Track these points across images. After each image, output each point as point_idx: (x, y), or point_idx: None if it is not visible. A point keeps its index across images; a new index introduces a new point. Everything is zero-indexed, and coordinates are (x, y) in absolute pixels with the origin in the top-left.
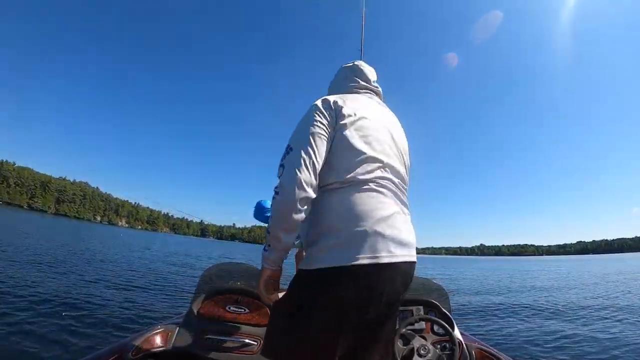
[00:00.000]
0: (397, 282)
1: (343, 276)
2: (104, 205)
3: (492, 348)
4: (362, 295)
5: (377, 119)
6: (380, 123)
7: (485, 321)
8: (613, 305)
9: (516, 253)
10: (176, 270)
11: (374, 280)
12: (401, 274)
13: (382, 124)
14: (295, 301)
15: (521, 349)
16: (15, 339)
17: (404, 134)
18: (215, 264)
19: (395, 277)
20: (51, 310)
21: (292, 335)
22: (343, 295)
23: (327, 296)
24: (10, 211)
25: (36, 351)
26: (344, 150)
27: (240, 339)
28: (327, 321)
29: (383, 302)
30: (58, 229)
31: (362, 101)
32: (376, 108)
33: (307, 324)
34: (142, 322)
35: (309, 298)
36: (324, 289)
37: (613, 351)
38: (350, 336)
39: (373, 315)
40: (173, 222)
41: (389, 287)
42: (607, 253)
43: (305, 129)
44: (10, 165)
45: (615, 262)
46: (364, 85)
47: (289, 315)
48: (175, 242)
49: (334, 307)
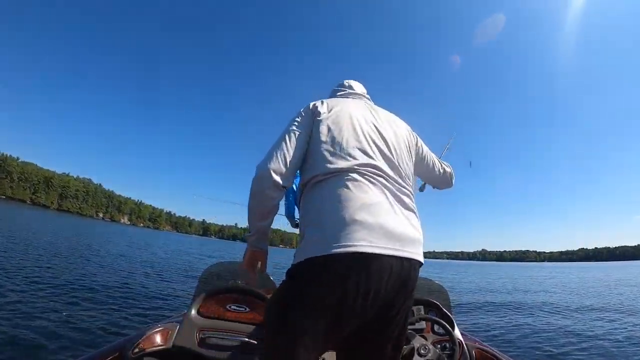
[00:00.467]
0: (386, 278)
1: (316, 267)
2: (107, 202)
3: (492, 348)
4: (336, 287)
5: (357, 115)
6: (362, 118)
7: (485, 322)
8: (614, 310)
9: (518, 259)
10: (177, 269)
11: (351, 271)
12: (393, 270)
13: (364, 119)
14: (280, 294)
15: (521, 350)
16: (16, 336)
17: (408, 131)
18: (216, 262)
19: (382, 271)
20: (52, 308)
21: (277, 327)
22: (317, 288)
23: (301, 288)
24: (14, 206)
25: (37, 349)
26: (320, 144)
27: (240, 338)
28: (303, 312)
29: (370, 298)
30: (60, 226)
31: (344, 101)
32: (359, 105)
33: (287, 316)
34: (143, 321)
35: (290, 291)
36: (299, 282)
37: (613, 353)
38: (337, 330)
39: (359, 311)
40: (175, 220)
41: (373, 282)
42: (609, 260)
43: (284, 129)
44: (14, 161)
45: (618, 269)
46: (351, 92)
47: (276, 308)
48: (177, 241)
49: (309, 299)
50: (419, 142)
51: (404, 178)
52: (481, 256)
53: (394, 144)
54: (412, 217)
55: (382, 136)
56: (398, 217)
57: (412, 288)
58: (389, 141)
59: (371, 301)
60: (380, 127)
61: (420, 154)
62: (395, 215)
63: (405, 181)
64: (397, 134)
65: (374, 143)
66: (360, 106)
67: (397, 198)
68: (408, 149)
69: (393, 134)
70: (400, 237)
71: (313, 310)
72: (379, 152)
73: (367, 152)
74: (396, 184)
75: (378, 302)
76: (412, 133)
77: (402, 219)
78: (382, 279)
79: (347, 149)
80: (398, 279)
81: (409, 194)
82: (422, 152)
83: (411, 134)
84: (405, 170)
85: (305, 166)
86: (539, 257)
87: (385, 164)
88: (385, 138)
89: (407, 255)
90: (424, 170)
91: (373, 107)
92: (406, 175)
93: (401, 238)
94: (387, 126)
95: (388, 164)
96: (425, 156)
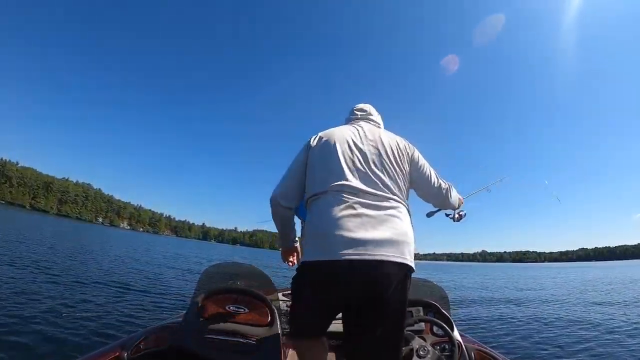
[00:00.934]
0: (355, 279)
1: (305, 269)
2: (106, 207)
3: (491, 349)
4: (315, 287)
5: (341, 139)
6: (345, 141)
7: (485, 323)
8: (615, 310)
9: (518, 259)
10: (176, 271)
11: (324, 275)
12: (359, 271)
13: (346, 142)
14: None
15: (521, 351)
16: (15, 338)
17: (398, 143)
18: (215, 263)
19: (350, 274)
20: (51, 310)
21: (290, 317)
22: (304, 285)
23: (297, 284)
24: (13, 211)
25: (36, 350)
26: (311, 169)
27: (239, 339)
28: (301, 302)
29: (341, 298)
30: (60, 230)
31: (336, 129)
32: (345, 131)
33: (293, 307)
34: (142, 321)
35: (293, 286)
36: (297, 279)
37: (614, 354)
38: (322, 313)
39: (335, 304)
40: (175, 224)
41: (343, 284)
42: (609, 260)
43: (290, 163)
44: (13, 166)
45: (618, 269)
46: (351, 118)
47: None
48: (177, 245)
49: (301, 292)
50: (415, 154)
51: (384, 189)
52: (481, 257)
53: (374, 160)
54: (389, 222)
55: (362, 154)
56: (364, 226)
57: (386, 284)
58: (369, 158)
59: (344, 301)
60: (362, 145)
61: (415, 165)
62: (362, 225)
63: (385, 191)
64: (381, 149)
65: (352, 163)
66: (347, 131)
67: (371, 207)
68: (396, 161)
69: (375, 149)
70: (365, 243)
71: (300, 300)
72: (356, 170)
73: (342, 173)
74: (372, 196)
75: (348, 301)
76: (404, 145)
77: (369, 227)
78: (349, 282)
79: (326, 173)
80: (367, 279)
81: (388, 203)
82: (418, 163)
83: (401, 146)
84: (386, 181)
85: (305, 189)
86: (539, 257)
87: (360, 180)
88: (365, 155)
89: (375, 258)
90: (421, 181)
91: (361, 126)
92: (388, 185)
93: (368, 243)
94: (369, 143)
95: (364, 179)
96: (420, 167)
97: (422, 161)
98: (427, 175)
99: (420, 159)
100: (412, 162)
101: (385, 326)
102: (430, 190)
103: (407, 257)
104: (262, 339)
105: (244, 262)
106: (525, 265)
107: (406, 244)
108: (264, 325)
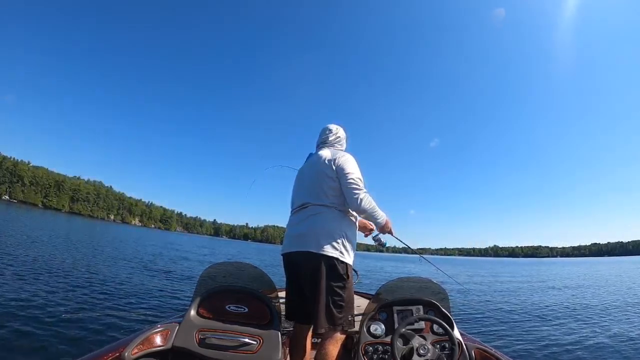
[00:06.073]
0: (292, 265)
1: (283, 259)
2: (118, 204)
3: (492, 348)
4: (287, 270)
5: (305, 166)
6: (305, 167)
7: (486, 321)
8: (620, 308)
9: (530, 254)
10: (177, 269)
11: (288, 263)
12: (292, 260)
13: (305, 167)
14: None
15: (522, 350)
16: (16, 338)
17: (327, 161)
18: (215, 263)
19: (290, 263)
20: (51, 309)
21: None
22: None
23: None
24: (25, 210)
25: (37, 349)
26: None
27: (240, 338)
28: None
29: (294, 277)
30: (71, 228)
31: (309, 158)
32: (309, 159)
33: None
34: (142, 321)
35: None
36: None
37: (614, 354)
38: (298, 294)
39: (298, 282)
40: (186, 221)
41: (288, 269)
42: (622, 255)
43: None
44: (25, 165)
45: (628, 265)
46: (319, 145)
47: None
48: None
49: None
50: (335, 166)
51: (320, 198)
52: (493, 252)
53: (313, 179)
54: (317, 222)
55: (309, 176)
56: (300, 227)
57: (309, 267)
58: (313, 177)
59: (295, 277)
60: (310, 168)
61: (337, 175)
62: (300, 227)
63: (318, 200)
64: (317, 169)
65: (304, 184)
66: (310, 159)
67: (311, 212)
68: (326, 175)
69: (315, 171)
70: (297, 238)
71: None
72: (305, 188)
73: (300, 193)
74: (313, 205)
75: (304, 279)
76: (330, 162)
77: (303, 227)
78: (291, 267)
79: (293, 196)
80: (296, 263)
81: (320, 209)
82: (337, 174)
83: (327, 163)
84: (319, 194)
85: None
86: (552, 252)
87: (308, 196)
88: (310, 176)
89: (296, 249)
90: (342, 187)
91: (316, 154)
92: (320, 196)
93: (298, 239)
94: (311, 166)
95: (309, 195)
96: (339, 176)
97: (340, 172)
98: (344, 181)
99: (339, 170)
100: (336, 174)
101: (315, 291)
102: (346, 196)
103: (317, 247)
104: (262, 339)
105: (243, 262)
106: (537, 260)
107: (312, 236)
108: (263, 325)
